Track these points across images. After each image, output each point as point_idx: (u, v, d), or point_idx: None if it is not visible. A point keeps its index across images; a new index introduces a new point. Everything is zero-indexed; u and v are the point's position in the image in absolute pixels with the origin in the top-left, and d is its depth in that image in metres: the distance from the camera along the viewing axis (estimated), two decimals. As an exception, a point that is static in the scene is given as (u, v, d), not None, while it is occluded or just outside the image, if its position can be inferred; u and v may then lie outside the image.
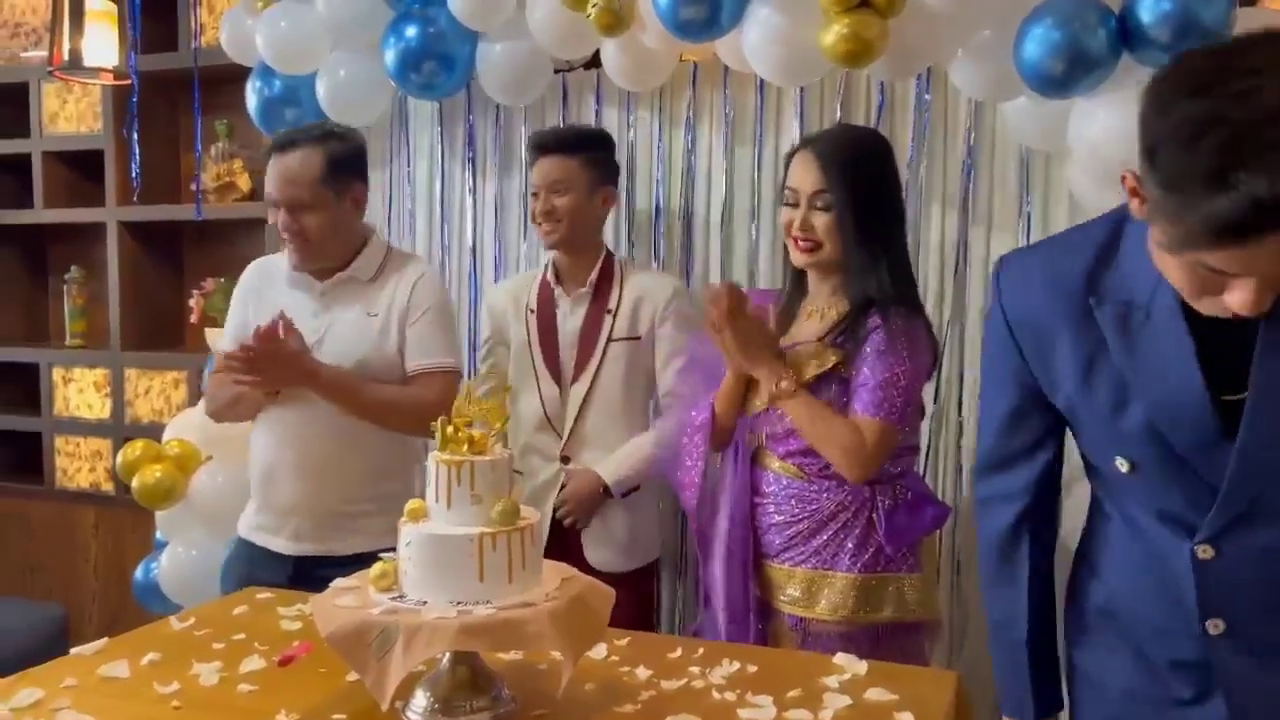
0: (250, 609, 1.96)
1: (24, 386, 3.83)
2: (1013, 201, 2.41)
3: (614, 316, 2.39)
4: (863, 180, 1.86)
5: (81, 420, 3.72)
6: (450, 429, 1.48)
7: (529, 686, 1.55)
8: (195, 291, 3.45)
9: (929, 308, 2.43)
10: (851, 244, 1.86)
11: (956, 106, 2.43)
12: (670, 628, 2.70)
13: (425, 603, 1.41)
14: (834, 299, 1.93)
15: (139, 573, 3.00)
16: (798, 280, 2.00)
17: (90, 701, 1.51)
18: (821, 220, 1.87)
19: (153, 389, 3.60)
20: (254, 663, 1.66)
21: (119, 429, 3.59)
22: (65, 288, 3.77)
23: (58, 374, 3.75)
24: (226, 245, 3.62)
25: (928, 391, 2.45)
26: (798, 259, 1.93)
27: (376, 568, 1.48)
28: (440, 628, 1.34)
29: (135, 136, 3.37)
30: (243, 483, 2.83)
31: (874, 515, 1.86)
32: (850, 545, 1.87)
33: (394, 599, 1.44)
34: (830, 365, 1.86)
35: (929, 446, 2.48)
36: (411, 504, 1.51)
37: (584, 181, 2.37)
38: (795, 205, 1.90)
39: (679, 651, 1.72)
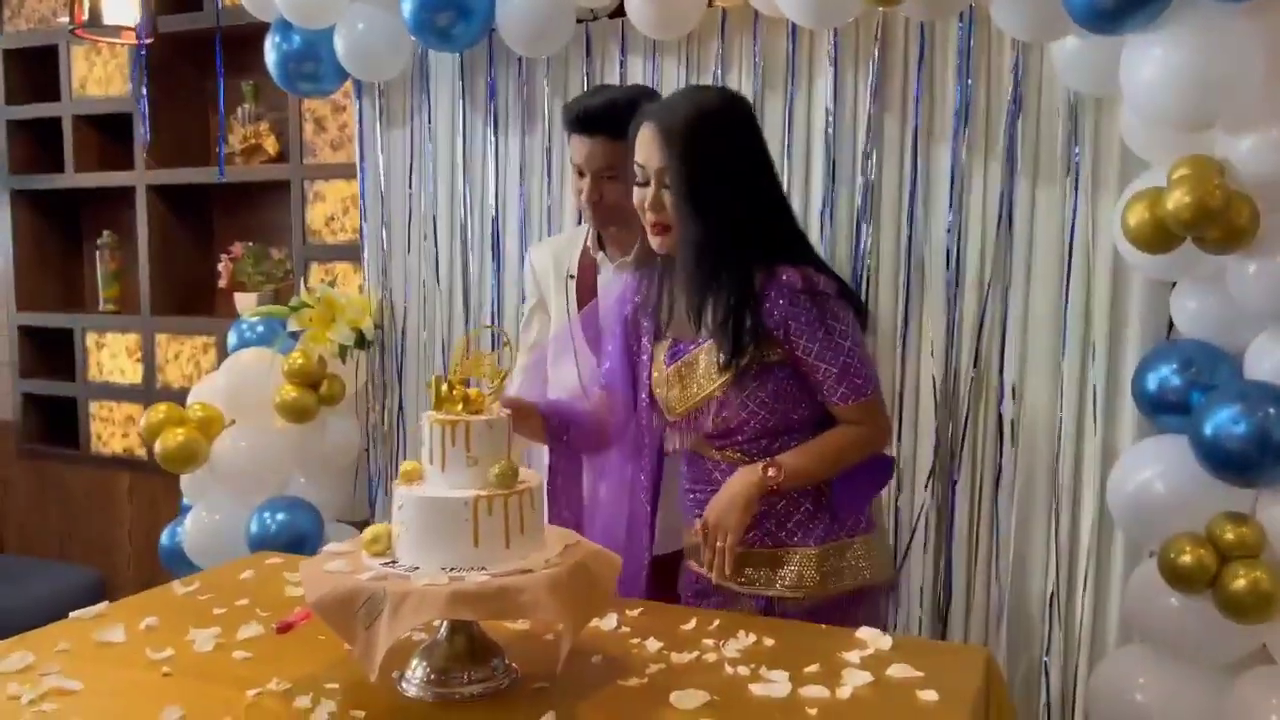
0: (256, 574, 1.91)
1: (60, 352, 3.84)
2: (1060, 151, 2.26)
3: None
4: (708, 154, 1.67)
5: (115, 385, 3.72)
6: (445, 387, 1.40)
7: (533, 657, 1.48)
8: (224, 256, 3.43)
9: (970, 266, 2.33)
10: (702, 226, 1.68)
11: (1001, 49, 2.28)
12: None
13: (417, 569, 1.34)
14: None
15: (165, 538, 2.99)
16: (667, 266, 1.80)
17: (79, 667, 1.46)
18: (670, 200, 1.69)
19: (182, 354, 3.59)
20: (252, 629, 1.61)
21: (150, 394, 3.58)
22: (98, 253, 3.76)
23: (91, 339, 3.76)
24: (255, 209, 3.58)
25: (966, 358, 2.35)
26: (654, 244, 1.77)
27: (369, 532, 1.41)
28: (429, 595, 1.27)
29: (144, 98, 3.34)
30: (266, 446, 2.81)
31: (823, 485, 1.76)
32: (803, 519, 1.76)
33: (386, 564, 1.37)
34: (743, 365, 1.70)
35: (968, 413, 2.35)
36: (406, 465, 1.44)
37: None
38: (645, 184, 1.72)
39: (693, 623, 1.64)
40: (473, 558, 1.35)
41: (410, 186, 2.90)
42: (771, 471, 1.69)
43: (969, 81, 2.30)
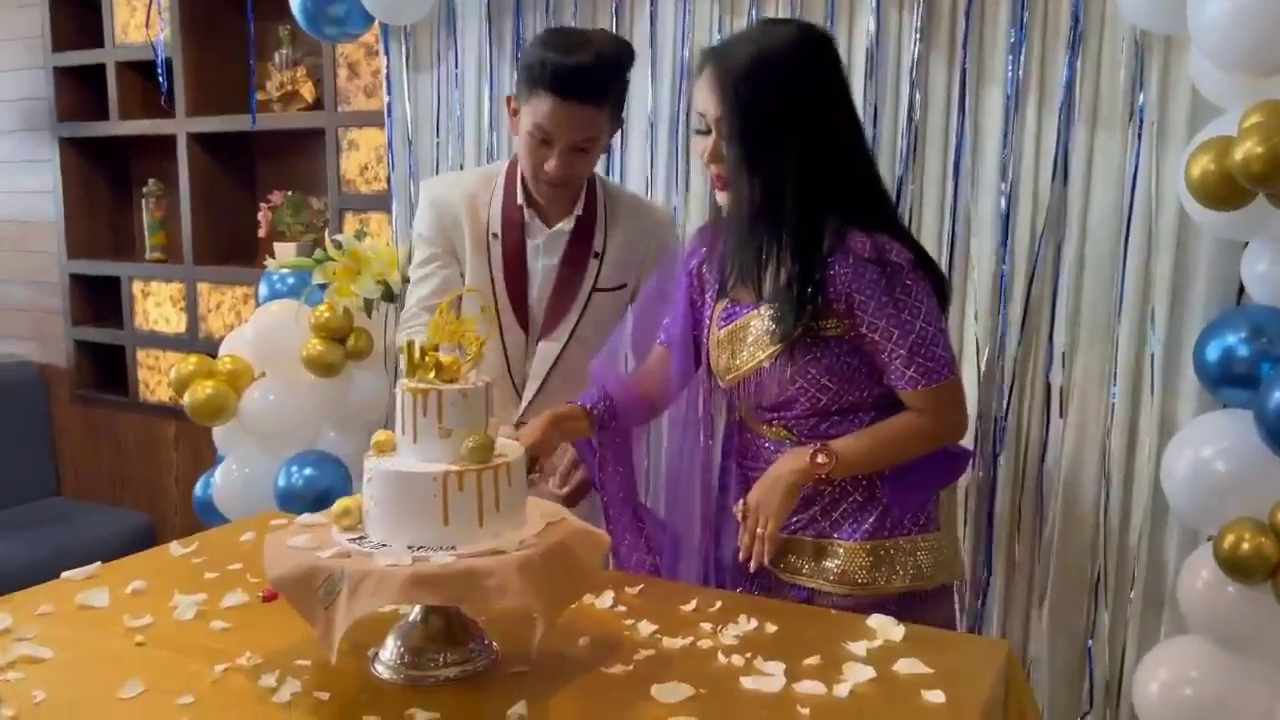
0: (258, 536, 1.87)
1: (110, 300, 3.87)
2: (1123, 96, 2.07)
3: (600, 261, 1.95)
4: (768, 102, 1.50)
5: (160, 334, 3.75)
6: (417, 353, 1.31)
7: (518, 636, 1.39)
8: (263, 205, 3.40)
9: (1021, 221, 2.16)
10: (758, 184, 1.52)
11: (1060, -18, 2.10)
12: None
13: (384, 546, 1.27)
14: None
15: (198, 488, 2.99)
16: (730, 221, 1.64)
17: (54, 632, 1.43)
18: (727, 152, 1.53)
19: (224, 304, 3.58)
20: (236, 597, 1.56)
21: (194, 343, 3.59)
22: (144, 201, 3.76)
23: (137, 288, 3.77)
24: (295, 157, 3.53)
25: (1013, 321, 2.18)
26: (720, 198, 1.62)
27: (340, 504, 1.34)
28: (388, 577, 1.19)
29: (160, 42, 3.30)
30: (294, 400, 2.78)
31: (875, 476, 1.61)
32: (851, 510, 1.62)
33: (353, 540, 1.30)
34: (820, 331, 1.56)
35: (1013, 381, 2.19)
36: (379, 436, 1.36)
37: (608, 132, 1.86)
38: (706, 132, 1.56)
39: (693, 604, 1.54)
40: (442, 536, 1.26)
41: (438, 135, 2.81)
42: (821, 458, 1.56)
43: (1023, 18, 2.12)
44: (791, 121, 1.51)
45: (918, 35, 2.21)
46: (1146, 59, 2.03)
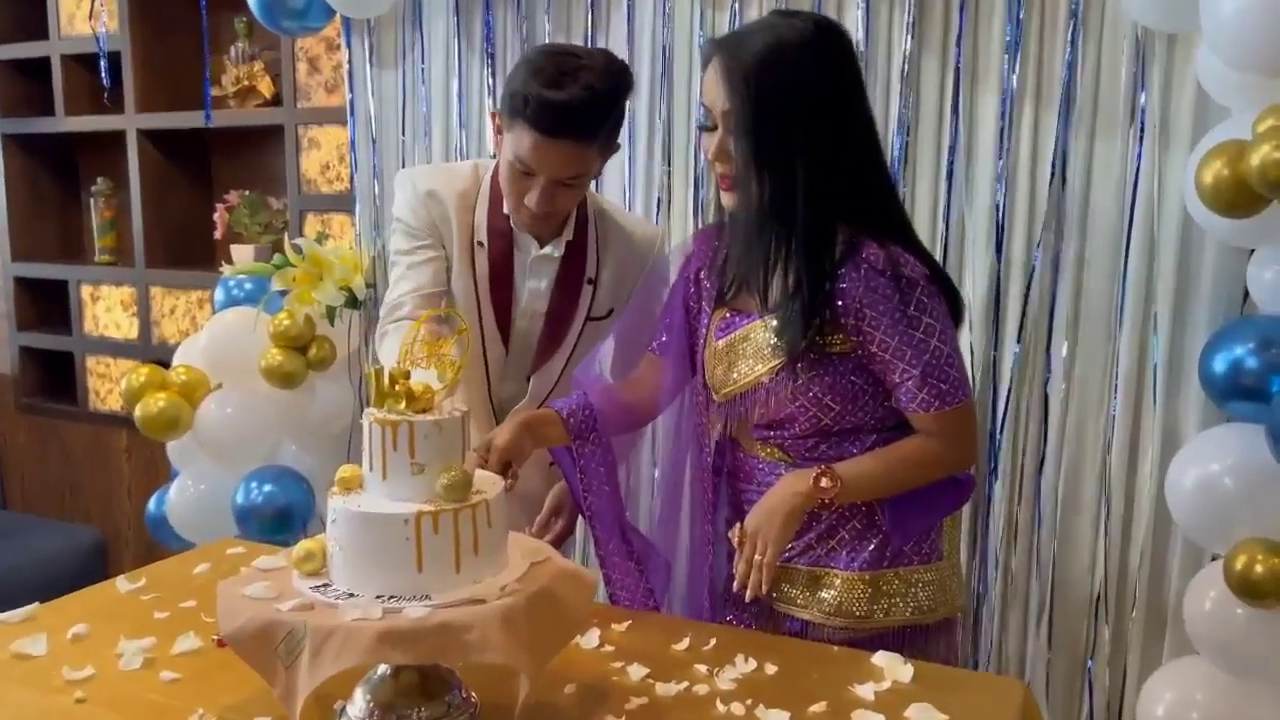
0: (212, 567, 1.74)
1: (57, 304, 3.70)
2: (1123, 96, 1.99)
3: (595, 287, 1.79)
4: (781, 97, 1.39)
5: (110, 340, 3.58)
6: (386, 381, 1.19)
7: (499, 687, 1.28)
8: (219, 205, 3.25)
9: (1018, 227, 2.08)
10: (769, 184, 1.42)
11: (1058, -21, 2.02)
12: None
13: (351, 596, 1.15)
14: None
15: (152, 505, 2.85)
16: (733, 225, 1.55)
17: (-17, 689, 1.29)
18: (735, 150, 1.42)
19: (178, 308, 3.43)
20: (189, 641, 1.43)
21: (147, 350, 3.45)
22: (92, 201, 3.59)
23: (86, 291, 3.61)
24: (253, 155, 3.39)
25: (1010, 329, 2.10)
26: (723, 199, 1.52)
27: (301, 547, 1.22)
28: (355, 634, 1.07)
29: (103, 34, 3.15)
30: (253, 412, 2.65)
31: (875, 503, 1.51)
32: (848, 538, 1.52)
33: (316, 588, 1.17)
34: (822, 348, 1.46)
35: (1010, 391, 2.11)
36: (343, 471, 1.24)
37: (597, 165, 1.71)
38: (712, 129, 1.46)
39: (686, 642, 1.44)
40: (415, 584, 1.15)
41: (403, 133, 2.68)
42: (825, 482, 1.45)
43: (1020, 15, 2.03)
44: (806, 117, 1.40)
45: (909, 33, 2.12)
46: (1148, 58, 1.96)
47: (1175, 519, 1.89)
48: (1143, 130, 1.97)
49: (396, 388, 1.19)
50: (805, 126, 1.41)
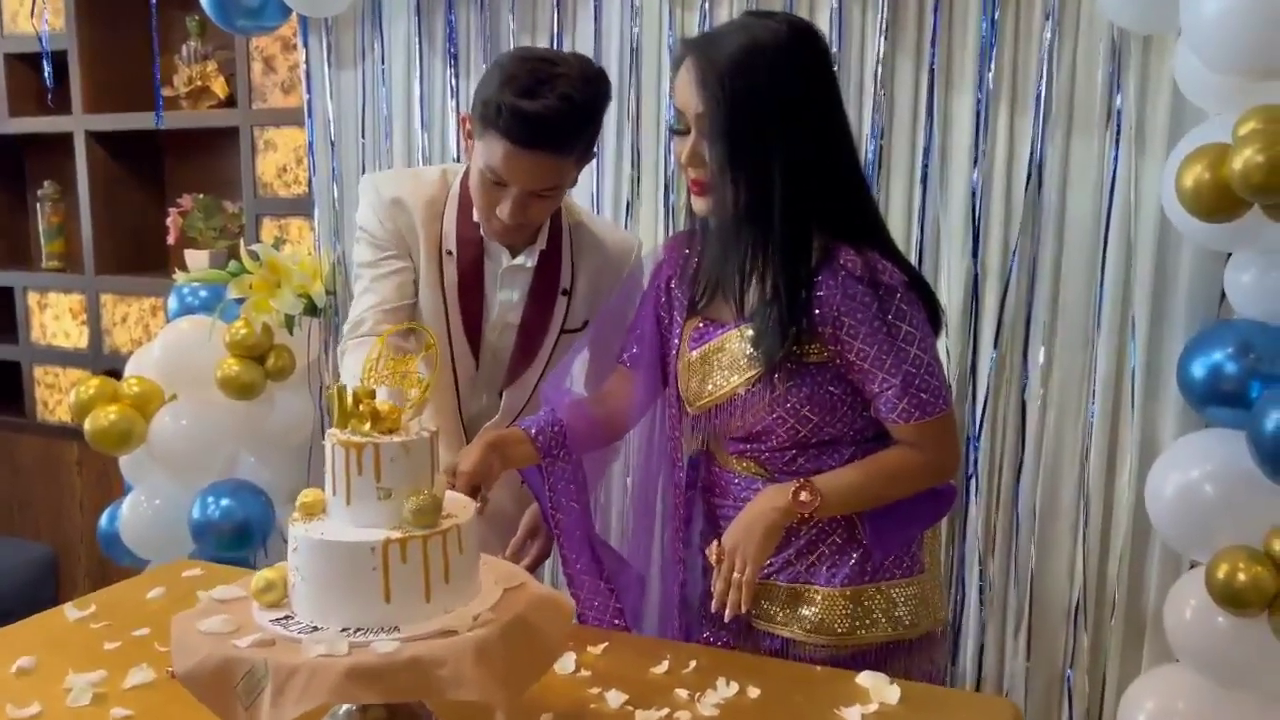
0: (168, 592, 1.66)
1: (4, 312, 3.56)
2: (1100, 98, 1.97)
3: (570, 298, 1.73)
4: (756, 99, 1.35)
5: (59, 349, 3.47)
6: (349, 400, 1.13)
7: (471, 715, 1.22)
8: (172, 209, 3.15)
9: (993, 230, 2.05)
10: (744, 189, 1.37)
11: (1034, -21, 1.99)
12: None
13: (315, 629, 1.08)
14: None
15: (104, 521, 2.76)
16: (705, 232, 1.50)
17: (-81, 733, 1.21)
18: (709, 153, 1.37)
19: (130, 316, 3.32)
20: (142, 674, 1.36)
21: (97, 359, 3.34)
22: (39, 205, 3.47)
23: (33, 299, 3.49)
24: (207, 157, 3.29)
25: (986, 335, 2.07)
26: (694, 204, 1.47)
27: (261, 577, 1.15)
28: (320, 672, 1.01)
29: (45, 31, 3.04)
30: (209, 425, 2.56)
31: (855, 516, 1.47)
32: (828, 553, 1.48)
33: (278, 621, 1.11)
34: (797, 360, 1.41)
35: (986, 398, 2.08)
36: (306, 496, 1.17)
37: (572, 177, 1.63)
38: (684, 132, 1.40)
39: (665, 664, 1.39)
40: (383, 616, 1.08)
41: (363, 136, 2.61)
42: (804, 496, 1.41)
43: (995, 15, 2.00)
44: (781, 120, 1.36)
45: (882, 34, 2.09)
46: (1124, 60, 1.93)
47: (1155, 526, 1.88)
48: (1118, 133, 1.95)
49: (360, 407, 1.13)
50: (781, 129, 1.37)
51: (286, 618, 1.12)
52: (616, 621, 1.60)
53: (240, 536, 2.54)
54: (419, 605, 1.10)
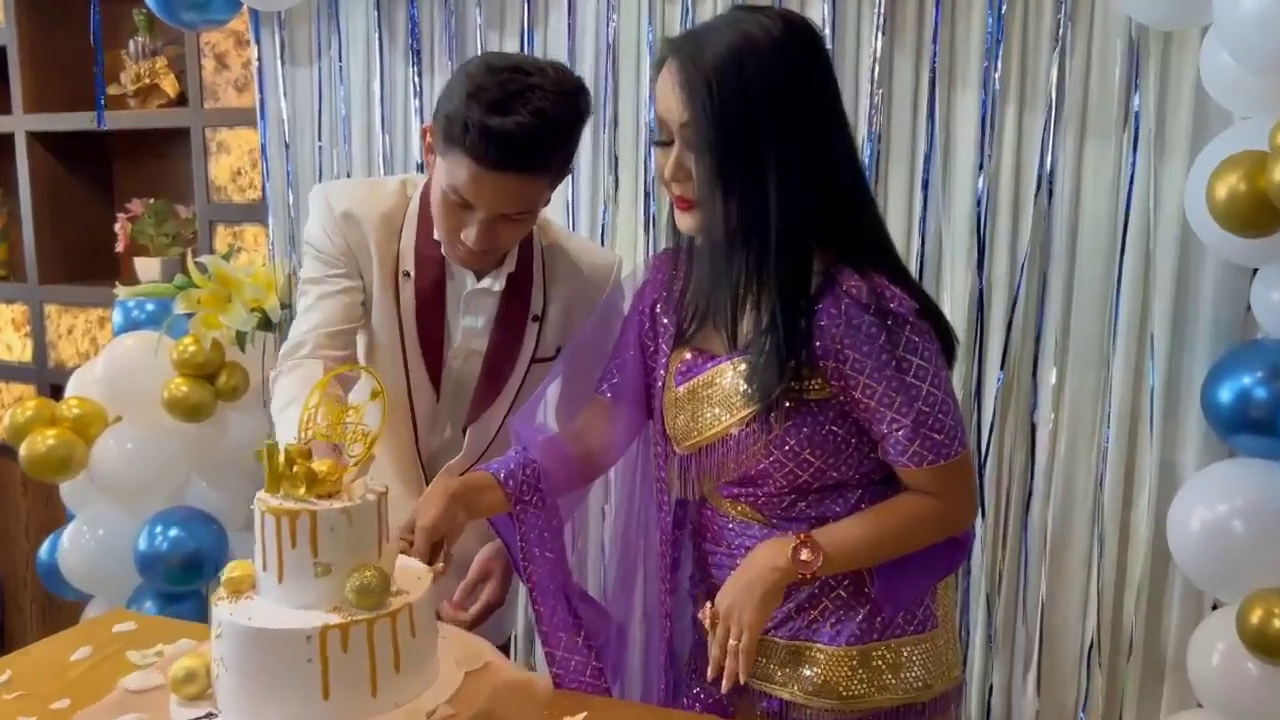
0: (95, 652, 1.48)
1: (-57, 323, 3.38)
2: (1116, 99, 1.84)
3: (541, 324, 1.59)
4: (746, 105, 1.21)
5: (2, 363, 3.28)
6: (281, 460, 0.96)
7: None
8: (121, 214, 2.99)
9: (1000, 241, 1.92)
10: (735, 206, 1.23)
11: (1045, -29, 1.87)
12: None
13: (241, 731, 0.92)
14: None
15: (43, 551, 2.59)
16: (693, 251, 1.37)
17: None
18: (695, 166, 1.23)
19: (76, 328, 3.15)
20: (55, 762, 1.19)
21: (42, 373, 3.17)
22: (-22, 209, 3.28)
23: (-27, 310, 3.30)
24: (158, 159, 3.12)
25: (992, 354, 1.93)
26: (679, 222, 1.33)
27: (180, 667, 0.99)
28: (242, 793, 0.85)
29: None
30: (155, 449, 2.40)
31: (861, 570, 1.33)
32: (832, 608, 1.34)
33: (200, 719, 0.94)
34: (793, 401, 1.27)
35: (993, 423, 1.95)
36: (232, 570, 1.01)
37: (545, 198, 1.48)
38: (667, 143, 1.27)
39: (652, 742, 1.23)
40: (322, 714, 0.93)
41: (320, 138, 2.45)
42: (805, 555, 1.26)
43: (1001, 9, 1.88)
44: (776, 128, 1.21)
45: (880, 28, 1.96)
46: (1143, 57, 1.80)
47: (1178, 563, 1.76)
48: (1137, 136, 1.82)
49: (294, 469, 0.96)
50: (776, 139, 1.22)
51: (209, 715, 0.96)
52: (597, 683, 1.45)
53: (190, 569, 2.38)
54: (363, 700, 0.94)
